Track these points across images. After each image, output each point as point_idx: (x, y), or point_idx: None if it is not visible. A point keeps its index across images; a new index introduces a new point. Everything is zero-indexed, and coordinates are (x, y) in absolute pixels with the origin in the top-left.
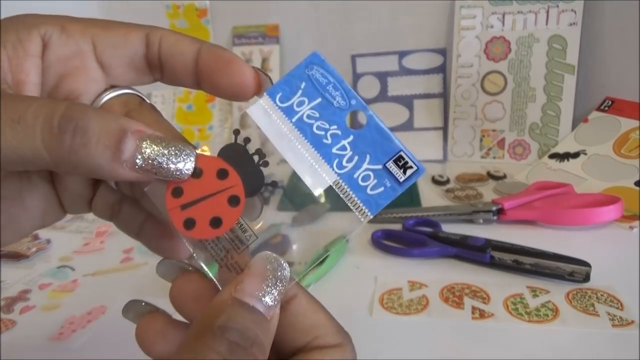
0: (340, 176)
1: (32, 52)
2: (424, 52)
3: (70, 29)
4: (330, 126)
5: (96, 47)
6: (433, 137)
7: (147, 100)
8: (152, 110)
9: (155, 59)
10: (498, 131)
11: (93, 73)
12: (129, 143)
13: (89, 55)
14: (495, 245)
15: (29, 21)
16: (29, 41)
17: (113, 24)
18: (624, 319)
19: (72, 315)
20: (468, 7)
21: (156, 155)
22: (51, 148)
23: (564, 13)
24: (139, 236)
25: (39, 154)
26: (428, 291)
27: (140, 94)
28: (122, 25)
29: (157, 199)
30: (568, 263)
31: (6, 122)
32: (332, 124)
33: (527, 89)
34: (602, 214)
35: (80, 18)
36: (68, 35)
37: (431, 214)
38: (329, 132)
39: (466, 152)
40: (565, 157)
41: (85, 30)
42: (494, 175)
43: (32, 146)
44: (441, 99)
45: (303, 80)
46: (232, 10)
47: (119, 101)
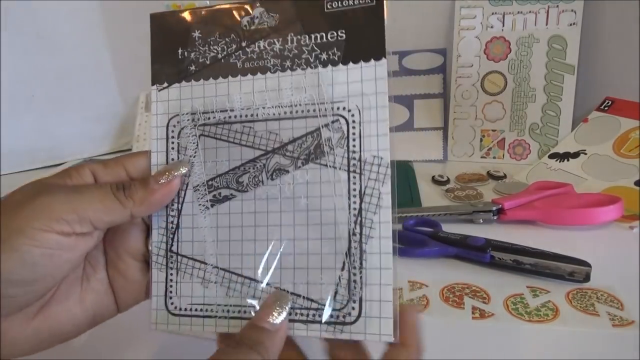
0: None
1: (88, 181)
2: (424, 52)
3: (107, 163)
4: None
5: (126, 167)
6: (433, 137)
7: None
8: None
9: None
10: (498, 131)
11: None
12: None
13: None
14: (495, 245)
15: (79, 164)
16: (85, 174)
17: (133, 153)
18: (624, 319)
19: None
20: (468, 7)
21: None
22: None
23: (564, 13)
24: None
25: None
26: (428, 291)
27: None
28: (140, 151)
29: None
30: (568, 263)
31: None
32: None
33: (527, 89)
34: (602, 214)
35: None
36: (106, 166)
37: (431, 214)
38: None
39: (466, 152)
40: (565, 157)
41: (117, 161)
42: (494, 175)
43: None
44: (441, 99)
45: None
46: None
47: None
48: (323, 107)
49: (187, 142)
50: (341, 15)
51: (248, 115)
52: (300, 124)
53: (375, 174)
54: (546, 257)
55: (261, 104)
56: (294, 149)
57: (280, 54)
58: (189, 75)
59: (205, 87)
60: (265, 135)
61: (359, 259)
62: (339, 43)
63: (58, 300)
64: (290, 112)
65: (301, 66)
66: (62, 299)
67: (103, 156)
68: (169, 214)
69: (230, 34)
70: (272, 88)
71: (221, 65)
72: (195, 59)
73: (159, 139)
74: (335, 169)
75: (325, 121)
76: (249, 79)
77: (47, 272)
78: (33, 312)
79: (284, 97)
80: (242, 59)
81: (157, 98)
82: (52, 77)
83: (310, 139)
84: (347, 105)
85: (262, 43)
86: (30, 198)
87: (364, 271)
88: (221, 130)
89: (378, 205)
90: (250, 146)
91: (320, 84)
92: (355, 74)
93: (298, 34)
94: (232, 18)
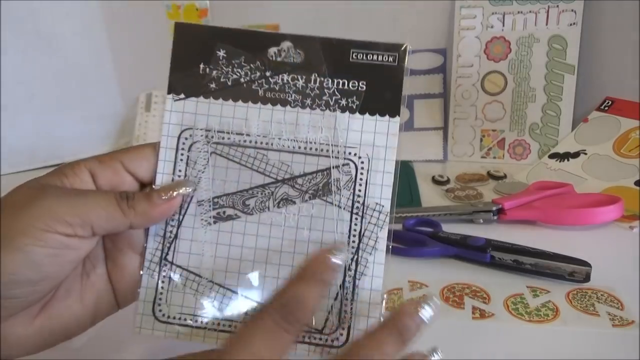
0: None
1: (86, 180)
2: (424, 52)
3: (103, 159)
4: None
5: (124, 164)
6: (433, 137)
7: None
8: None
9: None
10: (498, 131)
11: (129, 181)
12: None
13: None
14: (495, 245)
15: (74, 163)
16: (81, 173)
17: (129, 148)
18: (624, 319)
19: None
20: (468, 7)
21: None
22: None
23: (564, 13)
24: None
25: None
26: (428, 291)
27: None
28: (137, 146)
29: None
30: (568, 263)
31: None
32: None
33: (527, 89)
34: (602, 214)
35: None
36: (102, 162)
37: (431, 214)
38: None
39: (466, 152)
40: (565, 157)
41: (113, 157)
42: (494, 175)
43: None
44: (441, 99)
45: None
46: (233, 10)
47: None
48: (336, 149)
49: (198, 156)
50: (364, 67)
51: (263, 142)
52: (313, 160)
53: (375, 220)
54: (546, 257)
55: (277, 134)
56: (303, 183)
57: (302, 91)
58: (208, 92)
59: (223, 107)
60: (277, 164)
61: (352, 292)
62: (359, 93)
63: (59, 298)
64: (305, 147)
65: (321, 107)
66: (63, 297)
67: None
68: (169, 223)
69: (255, 60)
70: (290, 122)
71: (243, 89)
72: (216, 77)
73: (168, 148)
74: (340, 208)
75: (336, 162)
76: (268, 108)
77: (51, 272)
78: (35, 311)
79: (301, 133)
80: (264, 88)
81: (171, 107)
82: (52, 77)
83: (320, 176)
84: (359, 152)
85: (286, 77)
86: (33, 199)
87: (354, 303)
88: (234, 152)
89: (374, 248)
90: (262, 172)
91: (336, 127)
92: (370, 125)
93: (322, 76)
94: (260, 46)
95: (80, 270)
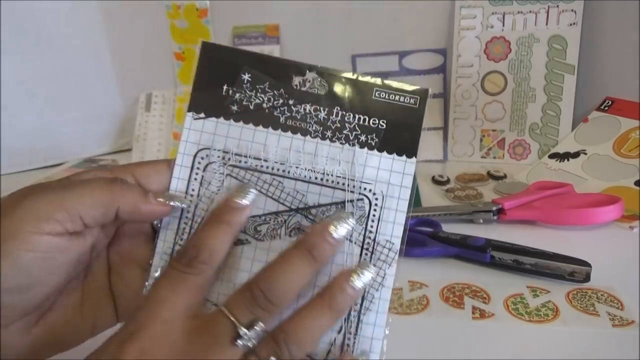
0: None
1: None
2: (424, 52)
3: (115, 170)
4: None
5: (135, 177)
6: (433, 137)
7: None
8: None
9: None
10: (498, 131)
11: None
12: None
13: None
14: (495, 245)
15: (83, 172)
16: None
17: (143, 162)
18: (624, 319)
19: None
20: (468, 7)
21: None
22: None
23: (564, 13)
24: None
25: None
26: (428, 291)
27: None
28: (151, 161)
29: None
30: (568, 263)
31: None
32: None
33: (527, 89)
34: (602, 214)
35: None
36: (113, 173)
37: (431, 214)
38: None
39: (466, 152)
40: (565, 157)
41: (125, 168)
42: (494, 175)
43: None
44: (441, 99)
45: None
46: (233, 10)
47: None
48: (352, 183)
49: (213, 177)
50: (386, 106)
51: (280, 170)
52: (328, 192)
53: (384, 257)
54: (546, 257)
55: (295, 163)
56: (317, 214)
57: (323, 122)
58: (229, 114)
59: (243, 130)
60: (292, 193)
61: (355, 327)
62: (378, 131)
63: (57, 309)
64: (321, 179)
65: (340, 140)
66: (61, 308)
67: (103, 156)
68: (177, 242)
69: (280, 88)
70: (309, 152)
71: (264, 114)
72: (239, 100)
73: (183, 167)
74: (351, 242)
75: (351, 197)
76: (288, 136)
77: (42, 277)
78: (32, 321)
79: (319, 164)
80: (285, 115)
81: (190, 126)
82: (52, 77)
83: (334, 208)
84: (374, 189)
85: (308, 107)
86: (19, 201)
87: (357, 338)
88: (250, 177)
89: (381, 285)
90: (276, 200)
91: (354, 162)
92: (387, 163)
93: (344, 110)
94: (286, 74)
95: (80, 282)
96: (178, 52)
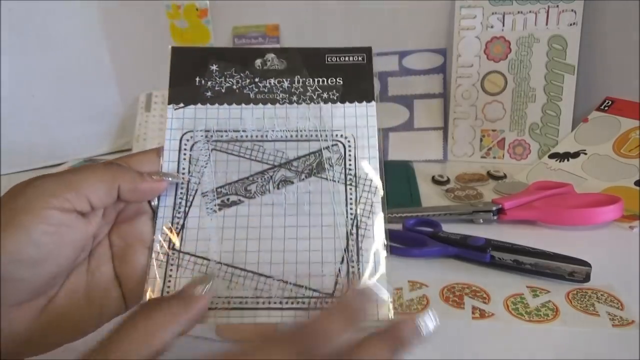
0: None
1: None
2: (424, 52)
3: (109, 162)
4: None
5: (128, 164)
6: (433, 137)
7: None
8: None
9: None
10: (498, 131)
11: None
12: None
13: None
14: (495, 245)
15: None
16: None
17: (134, 153)
18: (624, 319)
19: None
20: (468, 7)
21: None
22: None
23: (564, 13)
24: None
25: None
26: (428, 291)
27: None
28: (142, 151)
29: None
30: (568, 263)
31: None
32: None
33: (527, 89)
34: (602, 214)
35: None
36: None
37: (431, 214)
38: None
39: (466, 152)
40: (565, 157)
41: (118, 159)
42: (494, 175)
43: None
44: (441, 99)
45: None
46: (232, 10)
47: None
48: (324, 133)
49: (200, 154)
50: (338, 67)
51: (258, 135)
52: (304, 145)
53: (368, 187)
54: (546, 257)
55: (270, 127)
56: (298, 165)
57: (288, 90)
58: (205, 100)
59: (219, 110)
60: (273, 152)
61: (356, 254)
62: (337, 87)
63: (65, 296)
64: (296, 135)
65: (306, 101)
66: (69, 294)
67: (103, 156)
68: (175, 216)
69: (245, 70)
70: (281, 116)
71: (235, 94)
72: (211, 87)
73: (171, 151)
74: (335, 182)
75: (326, 144)
76: (260, 107)
77: (51, 252)
78: (41, 305)
79: (291, 124)
80: (254, 91)
81: (172, 115)
82: (52, 77)
83: (312, 157)
84: (344, 133)
85: (272, 81)
86: (29, 183)
87: (360, 264)
88: (232, 147)
89: (371, 212)
90: (259, 161)
91: (322, 116)
92: (351, 110)
93: (303, 77)
94: (248, 59)
95: (85, 268)
96: None
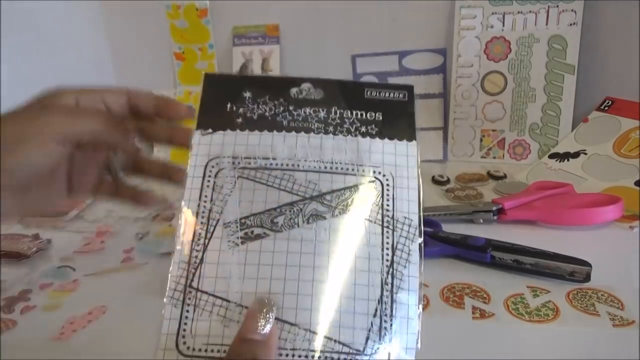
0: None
1: (72, 103)
2: (424, 52)
3: (86, 89)
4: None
5: (102, 97)
6: (433, 137)
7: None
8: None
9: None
10: (498, 131)
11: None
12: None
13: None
14: (495, 245)
15: (63, 87)
16: (70, 97)
17: (108, 88)
18: (625, 319)
19: (72, 315)
20: (468, 7)
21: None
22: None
23: (564, 13)
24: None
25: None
26: (428, 291)
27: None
28: (115, 88)
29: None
30: (568, 263)
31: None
32: None
33: (527, 89)
34: (602, 214)
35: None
36: (85, 94)
37: (431, 214)
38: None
39: (466, 152)
40: (565, 157)
41: (94, 89)
42: (494, 175)
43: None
44: (441, 99)
45: None
46: (232, 10)
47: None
48: (362, 168)
49: (224, 181)
50: (378, 102)
51: (289, 164)
52: (339, 178)
53: (406, 233)
54: (546, 257)
55: (303, 156)
56: (332, 199)
57: (324, 120)
58: (234, 126)
59: (249, 136)
60: (304, 183)
61: (390, 307)
62: (376, 122)
63: (37, 187)
64: (331, 167)
65: (342, 133)
66: (40, 186)
67: None
68: (194, 248)
69: (279, 98)
70: (315, 146)
71: (268, 121)
72: (243, 113)
73: (195, 177)
74: (371, 222)
75: (364, 179)
76: (292, 135)
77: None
78: (23, 190)
79: (326, 155)
80: (288, 119)
81: (198, 141)
82: (52, 77)
83: (348, 192)
84: (382, 171)
85: (308, 110)
86: (40, 112)
87: (394, 320)
88: (260, 175)
89: (408, 260)
90: (289, 191)
91: (359, 149)
92: (390, 147)
93: (341, 109)
94: (283, 87)
95: (54, 177)
96: (178, 52)
